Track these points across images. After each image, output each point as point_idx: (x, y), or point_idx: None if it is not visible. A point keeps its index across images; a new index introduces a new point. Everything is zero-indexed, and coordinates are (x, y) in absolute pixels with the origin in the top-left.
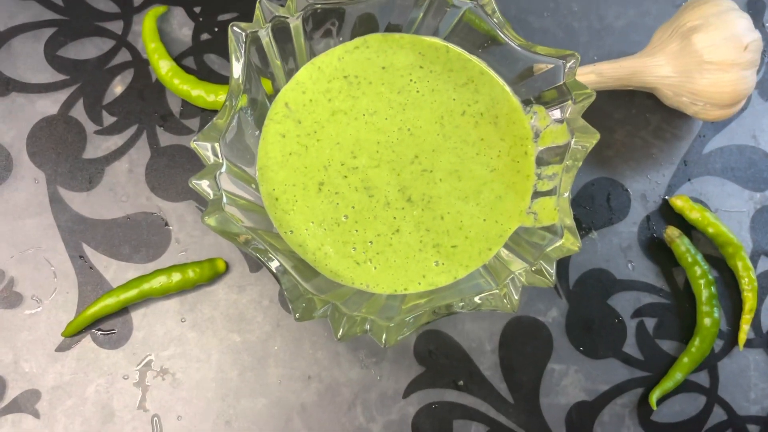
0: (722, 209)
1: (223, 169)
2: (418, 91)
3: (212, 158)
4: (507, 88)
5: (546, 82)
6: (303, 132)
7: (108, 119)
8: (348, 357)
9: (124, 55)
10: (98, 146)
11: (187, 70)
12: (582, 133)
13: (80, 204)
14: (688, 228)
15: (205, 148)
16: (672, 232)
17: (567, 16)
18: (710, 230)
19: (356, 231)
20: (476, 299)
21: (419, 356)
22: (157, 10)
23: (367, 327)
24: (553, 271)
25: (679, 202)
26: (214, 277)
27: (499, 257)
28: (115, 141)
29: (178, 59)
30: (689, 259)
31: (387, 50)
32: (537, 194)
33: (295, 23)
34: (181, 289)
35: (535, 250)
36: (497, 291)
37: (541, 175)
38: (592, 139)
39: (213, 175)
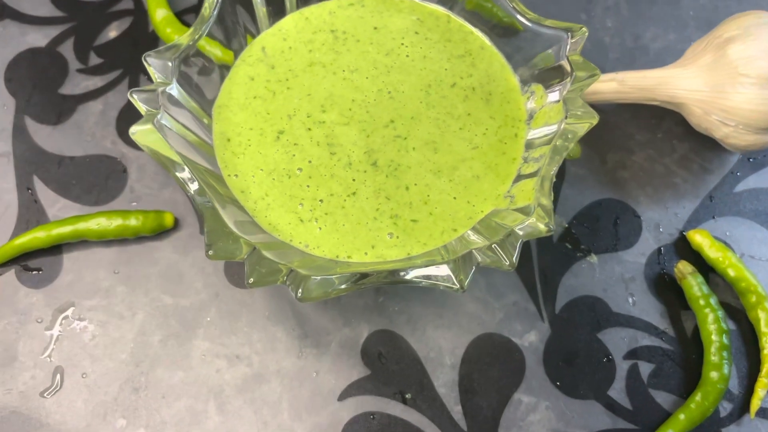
0: (748, 254)
1: (172, 89)
2: (407, 56)
3: (161, 78)
4: (507, 66)
5: (550, 60)
6: (274, 78)
7: (94, 60)
8: (286, 343)
9: (126, 3)
10: (77, 84)
11: (186, 24)
12: (579, 113)
13: (43, 137)
14: (705, 269)
15: (156, 67)
16: (684, 268)
17: (599, 31)
18: (731, 273)
19: (308, 186)
20: (424, 271)
21: (366, 356)
22: None
23: (285, 279)
24: (515, 252)
25: (698, 237)
26: (159, 232)
27: (461, 238)
28: (95, 82)
29: (179, 14)
30: (701, 302)
31: (383, 11)
32: (519, 177)
33: None
34: (121, 237)
35: (501, 231)
36: (451, 269)
37: (527, 158)
38: (591, 119)
39: (156, 93)
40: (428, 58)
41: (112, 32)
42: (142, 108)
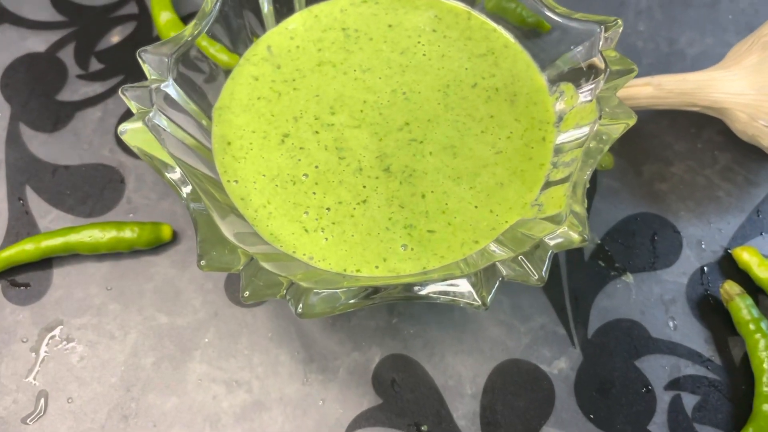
0: None
1: (168, 87)
2: (424, 55)
3: (156, 75)
4: (534, 65)
5: (581, 57)
6: (280, 78)
7: (95, 66)
8: (290, 367)
9: (131, 8)
10: (76, 90)
11: None
12: (614, 113)
13: (38, 145)
14: (754, 290)
15: (152, 64)
16: (731, 288)
17: (631, 35)
18: None
19: (314, 194)
20: (442, 286)
21: (379, 384)
22: None
23: (285, 292)
24: (545, 265)
25: (745, 255)
26: (156, 245)
27: (483, 251)
28: (95, 88)
29: (185, 18)
30: (751, 326)
31: (398, 8)
32: (548, 184)
33: None
34: (115, 250)
35: (528, 242)
36: (471, 284)
37: (557, 163)
38: (628, 120)
39: (149, 89)
40: (447, 57)
41: (115, 37)
42: (133, 106)
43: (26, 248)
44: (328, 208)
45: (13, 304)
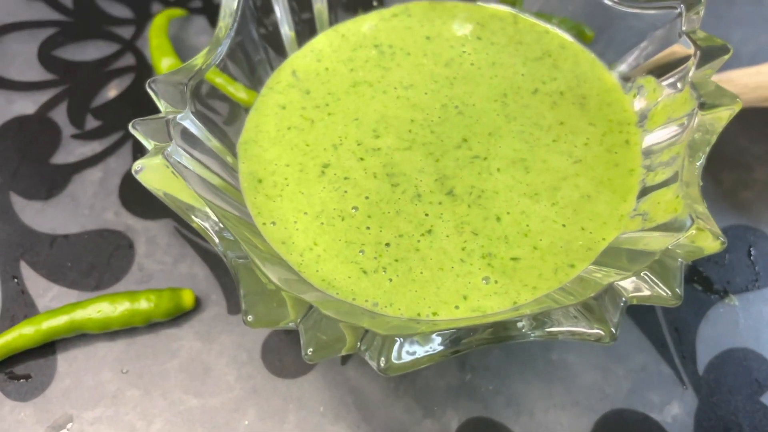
0: None
1: (185, 120)
2: (472, 64)
3: (170, 108)
4: (599, 63)
5: (657, 45)
6: (311, 104)
7: (91, 123)
8: None
9: (127, 60)
10: (72, 151)
11: None
12: (714, 99)
13: (32, 215)
14: None
15: (165, 95)
16: None
17: None
18: None
19: (368, 228)
20: (547, 321)
21: None
22: (173, 11)
23: (359, 344)
24: (678, 280)
25: None
26: (177, 315)
27: (584, 277)
28: (93, 147)
29: None
30: None
31: (434, 19)
32: (647, 190)
33: None
34: (129, 326)
35: (645, 258)
36: (583, 315)
37: (651, 166)
38: (732, 105)
39: (164, 121)
40: (498, 64)
41: (112, 92)
42: (148, 142)
43: (24, 332)
44: (387, 244)
45: (13, 401)
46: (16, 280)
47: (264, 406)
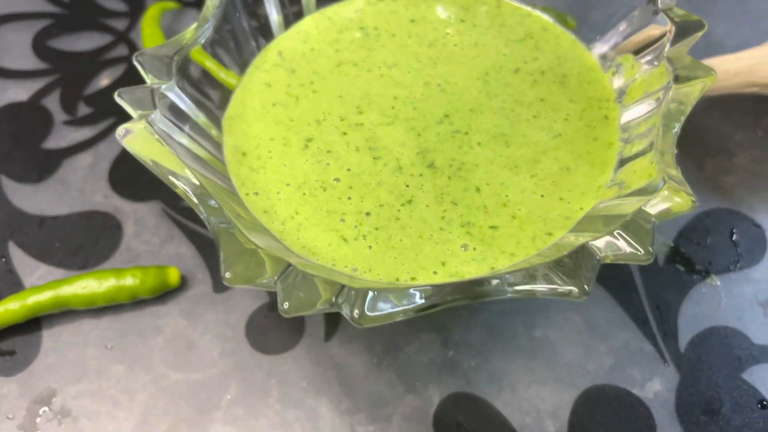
0: None
1: (170, 92)
2: (455, 45)
3: (155, 79)
4: (579, 44)
5: (635, 25)
6: (296, 82)
7: (83, 110)
8: (333, 420)
9: (120, 50)
10: (64, 137)
11: None
12: (689, 72)
13: (22, 197)
14: None
15: (151, 69)
16: None
17: None
18: None
19: (349, 199)
20: (522, 277)
21: (442, 429)
22: (166, 4)
23: (334, 298)
24: (651, 238)
25: None
26: (163, 292)
27: (561, 243)
28: (85, 133)
29: None
30: None
31: (419, 3)
32: (624, 162)
33: None
34: (115, 302)
35: (619, 220)
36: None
37: (629, 138)
38: (706, 78)
39: (149, 89)
40: (481, 45)
41: (104, 80)
42: (134, 111)
43: (10, 308)
44: (368, 213)
45: None
46: (3, 259)
47: (247, 381)
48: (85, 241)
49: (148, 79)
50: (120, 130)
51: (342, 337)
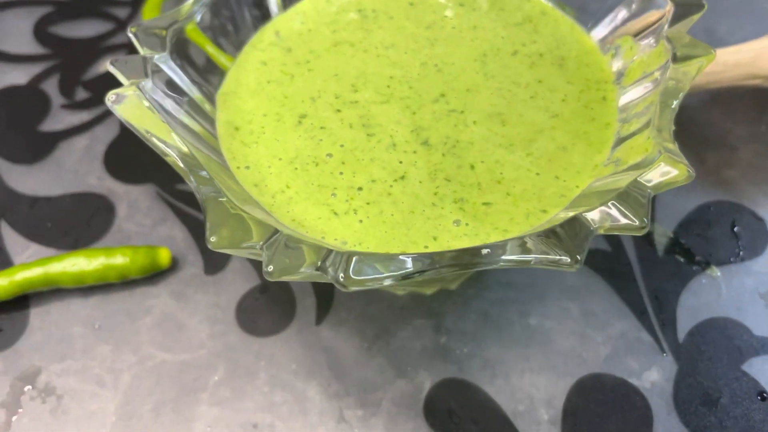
0: None
1: (164, 62)
2: (453, 27)
3: (149, 50)
4: (578, 27)
5: (635, 8)
6: (291, 61)
7: (81, 95)
8: (321, 404)
9: (121, 38)
10: (60, 120)
11: None
12: (687, 51)
13: (16, 177)
14: None
15: (146, 42)
16: None
17: None
18: None
19: (341, 174)
20: (512, 245)
21: (433, 416)
22: None
23: (320, 262)
24: (646, 209)
25: None
26: (153, 273)
27: (554, 218)
28: (82, 117)
29: None
30: None
31: None
32: (621, 141)
33: None
34: (104, 281)
35: (613, 193)
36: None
37: (627, 118)
38: (705, 56)
39: (141, 58)
40: (479, 28)
41: (104, 66)
42: (125, 79)
43: None
44: (359, 188)
45: None
46: None
47: (235, 362)
48: (76, 222)
49: (142, 50)
50: (110, 95)
51: (333, 321)
